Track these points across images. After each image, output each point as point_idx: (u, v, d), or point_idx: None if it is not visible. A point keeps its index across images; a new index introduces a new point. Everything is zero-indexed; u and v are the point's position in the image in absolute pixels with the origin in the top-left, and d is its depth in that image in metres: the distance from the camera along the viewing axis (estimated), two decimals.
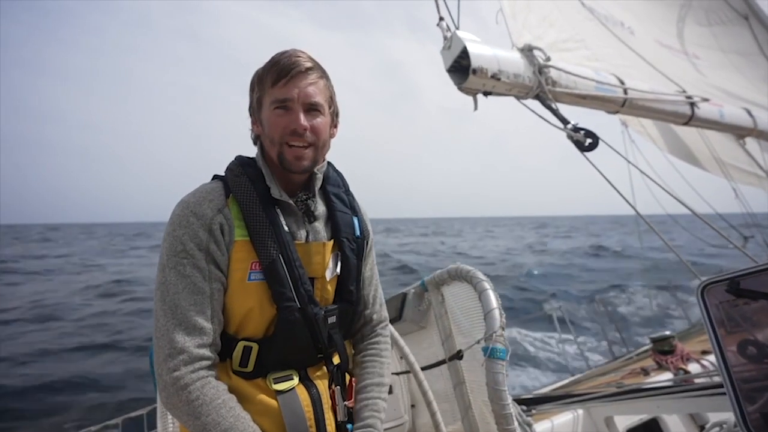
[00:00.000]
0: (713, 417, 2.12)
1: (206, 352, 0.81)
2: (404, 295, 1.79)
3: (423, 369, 1.62)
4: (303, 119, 0.87)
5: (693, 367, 2.74)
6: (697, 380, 2.42)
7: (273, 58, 0.89)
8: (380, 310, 1.10)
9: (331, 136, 0.97)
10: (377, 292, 1.11)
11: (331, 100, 0.95)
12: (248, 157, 0.97)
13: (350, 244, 0.98)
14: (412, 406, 1.86)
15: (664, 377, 2.65)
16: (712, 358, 2.78)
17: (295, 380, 0.88)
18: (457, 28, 1.93)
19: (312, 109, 0.88)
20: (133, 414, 2.53)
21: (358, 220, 1.04)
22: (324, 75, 0.92)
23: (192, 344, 0.79)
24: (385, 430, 1.18)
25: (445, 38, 1.94)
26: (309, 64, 0.88)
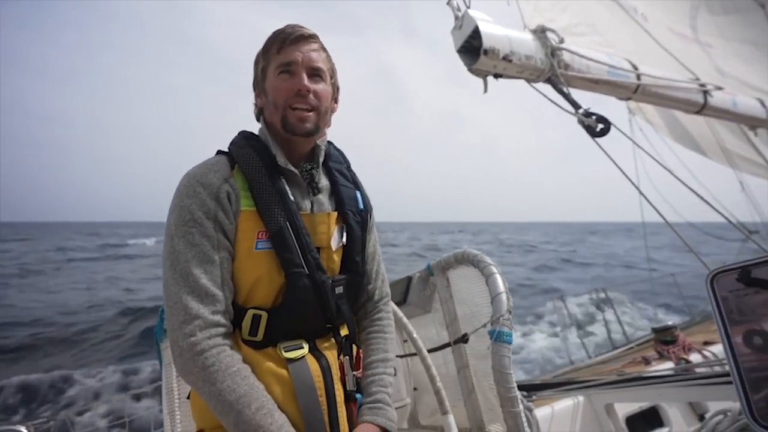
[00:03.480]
0: (713, 406, 2.13)
1: (221, 318, 0.81)
2: (409, 279, 1.78)
3: (428, 352, 1.63)
4: (306, 81, 0.89)
5: (694, 357, 2.75)
6: (698, 370, 2.42)
7: (276, 30, 0.91)
8: (382, 286, 1.11)
9: (332, 110, 0.99)
10: (380, 267, 1.12)
11: (332, 71, 0.97)
12: (251, 132, 0.98)
13: (355, 216, 0.99)
14: (414, 389, 1.87)
15: (665, 366, 2.66)
16: (713, 348, 2.79)
17: (305, 349, 0.88)
18: (468, 7, 1.88)
19: (315, 74, 0.91)
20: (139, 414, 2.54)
21: (361, 194, 1.05)
22: (324, 48, 0.95)
23: (206, 311, 0.79)
24: None
25: (456, 17, 1.89)
26: (311, 33, 0.91)
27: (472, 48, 1.81)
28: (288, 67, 0.89)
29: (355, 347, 1.00)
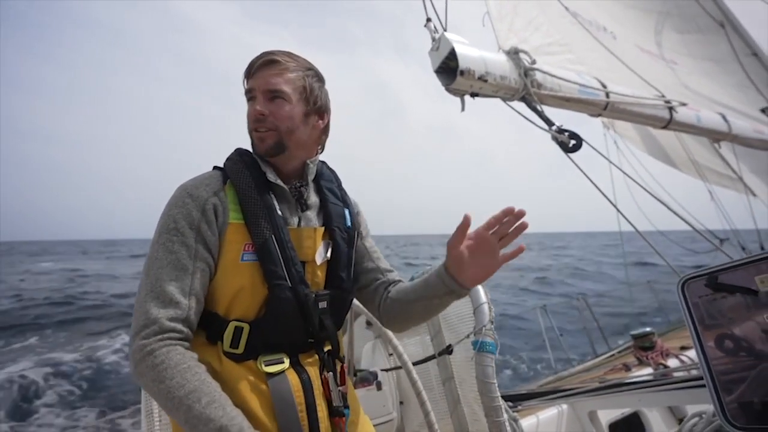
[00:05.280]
0: (690, 409, 2.19)
1: (178, 325, 0.80)
2: None
3: (413, 364, 1.64)
4: (261, 105, 0.92)
5: (672, 363, 2.83)
6: (675, 374, 2.49)
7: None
8: (394, 274, 1.15)
9: (315, 128, 1.01)
10: (385, 263, 1.16)
11: (304, 90, 0.97)
12: (246, 149, 1.01)
13: (341, 233, 1.02)
14: (401, 402, 1.88)
15: (645, 372, 2.72)
16: (690, 353, 2.87)
17: (286, 364, 0.89)
18: (445, 30, 1.96)
19: (274, 96, 0.93)
20: (116, 414, 2.47)
21: (349, 212, 1.08)
22: (296, 68, 0.96)
23: (164, 316, 0.79)
24: (373, 426, 1.18)
25: (433, 39, 1.96)
26: (275, 58, 0.94)
27: (449, 68, 1.88)
28: (250, 94, 0.94)
29: (338, 363, 1.01)
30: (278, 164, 0.98)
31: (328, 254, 1.00)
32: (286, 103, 0.94)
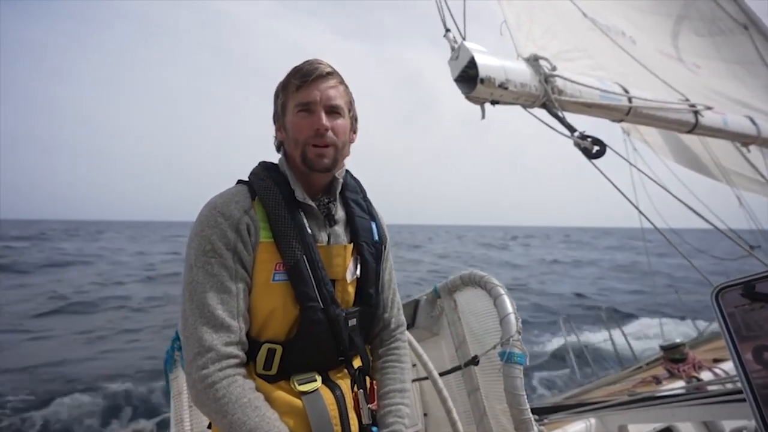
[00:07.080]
0: (727, 424, 2.10)
1: (234, 350, 0.82)
2: (417, 302, 1.79)
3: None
4: (325, 119, 0.92)
5: (705, 375, 2.71)
6: (710, 388, 2.39)
7: (295, 66, 0.95)
8: (398, 315, 1.13)
9: (351, 140, 1.02)
10: (395, 296, 1.13)
11: (350, 104, 1.00)
12: (272, 163, 1.02)
13: (369, 248, 1.01)
14: (425, 414, 1.85)
15: (677, 385, 2.62)
16: (724, 365, 2.76)
17: (318, 381, 0.90)
18: (464, 39, 1.97)
19: (333, 111, 0.94)
20: (139, 426, 2.50)
21: (376, 225, 1.07)
22: (343, 81, 0.98)
23: (219, 342, 0.80)
24: None
25: (453, 49, 1.98)
26: (329, 70, 0.94)
27: (468, 77, 1.88)
28: (306, 107, 0.92)
29: (368, 379, 1.01)
30: (313, 180, 0.97)
31: (358, 271, 0.99)
32: (341, 118, 0.95)
